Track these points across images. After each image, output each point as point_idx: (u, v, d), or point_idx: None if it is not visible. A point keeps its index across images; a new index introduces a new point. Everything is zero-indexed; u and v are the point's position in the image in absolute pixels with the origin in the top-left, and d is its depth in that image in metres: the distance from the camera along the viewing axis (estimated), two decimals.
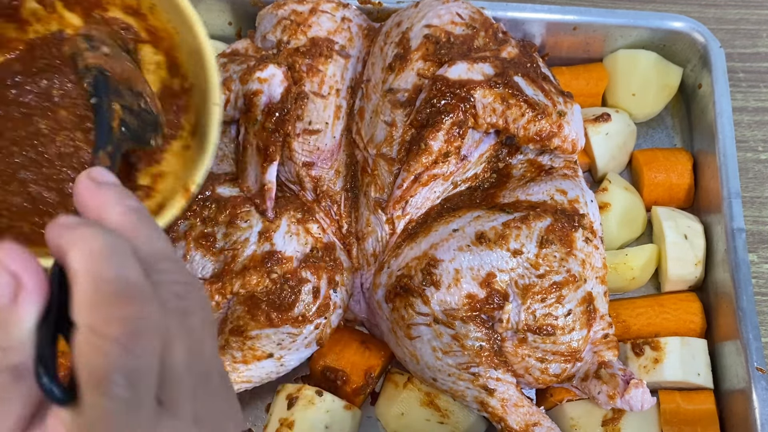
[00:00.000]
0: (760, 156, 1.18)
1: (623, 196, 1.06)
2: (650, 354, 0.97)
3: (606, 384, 0.86)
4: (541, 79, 0.97)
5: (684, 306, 1.02)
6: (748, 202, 1.14)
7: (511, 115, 0.91)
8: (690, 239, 1.03)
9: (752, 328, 0.93)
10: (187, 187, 0.69)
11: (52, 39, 0.76)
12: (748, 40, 1.27)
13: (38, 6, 0.76)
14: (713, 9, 1.30)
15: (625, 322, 1.01)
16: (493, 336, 0.87)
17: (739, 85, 1.23)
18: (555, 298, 0.86)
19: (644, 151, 1.13)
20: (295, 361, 0.91)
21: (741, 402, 0.92)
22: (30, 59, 0.75)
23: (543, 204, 0.90)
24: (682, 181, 1.10)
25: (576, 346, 0.88)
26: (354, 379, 0.96)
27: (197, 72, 0.74)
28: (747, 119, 1.20)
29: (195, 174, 0.70)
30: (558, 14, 1.12)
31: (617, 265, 1.02)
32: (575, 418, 0.94)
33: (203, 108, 0.73)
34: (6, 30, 0.75)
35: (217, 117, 0.71)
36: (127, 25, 0.77)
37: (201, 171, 0.70)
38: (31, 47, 0.76)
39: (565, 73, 1.15)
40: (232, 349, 0.87)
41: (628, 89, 1.14)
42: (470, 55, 0.95)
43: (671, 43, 1.15)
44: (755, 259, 1.10)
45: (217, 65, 0.72)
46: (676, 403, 0.95)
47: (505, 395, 0.87)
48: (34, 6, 0.76)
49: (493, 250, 0.86)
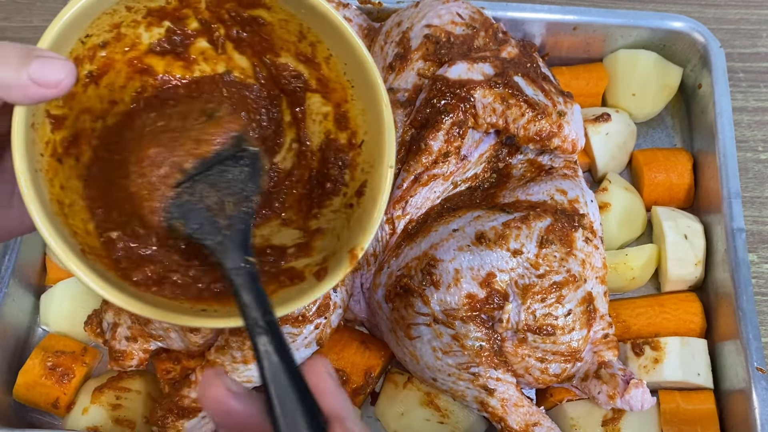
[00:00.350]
0: (760, 156, 1.18)
1: (623, 196, 1.06)
2: (650, 354, 0.97)
3: (606, 384, 0.86)
4: (541, 79, 0.97)
5: (684, 306, 1.02)
6: (748, 202, 1.14)
7: (511, 115, 0.91)
8: (690, 239, 1.03)
9: (752, 328, 0.93)
10: (354, 253, 0.65)
11: (219, 79, 0.75)
12: (748, 40, 1.27)
13: (208, 46, 0.74)
14: (713, 9, 1.30)
15: (625, 322, 1.01)
16: (493, 336, 0.87)
17: (739, 85, 1.23)
18: (555, 298, 0.86)
19: (644, 151, 1.13)
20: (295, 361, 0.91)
21: (741, 402, 0.92)
22: (195, 89, 0.74)
23: (543, 204, 0.90)
24: (682, 181, 1.10)
25: (576, 346, 0.87)
26: (354, 379, 0.96)
27: (370, 130, 0.69)
28: (747, 119, 1.20)
29: (362, 239, 0.66)
30: (558, 14, 1.13)
31: (617, 265, 1.02)
32: (575, 418, 0.94)
33: (374, 168, 0.69)
34: (173, 68, 0.74)
35: (389, 180, 0.67)
36: (297, 72, 0.73)
37: (369, 236, 0.66)
38: (196, 82, 0.75)
39: (565, 73, 1.15)
40: (232, 349, 0.87)
41: (628, 89, 1.14)
42: (470, 55, 0.95)
43: (671, 43, 1.15)
44: (755, 259, 1.10)
45: (394, 127, 0.68)
46: (676, 403, 0.95)
47: (505, 395, 0.87)
48: (204, 45, 0.74)
49: (493, 250, 0.86)
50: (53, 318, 1.00)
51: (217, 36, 0.73)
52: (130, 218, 0.66)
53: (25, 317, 1.02)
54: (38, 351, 0.97)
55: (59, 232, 0.58)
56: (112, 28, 0.67)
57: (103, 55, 0.68)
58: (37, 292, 1.04)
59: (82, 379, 0.97)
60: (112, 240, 0.66)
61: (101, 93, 0.70)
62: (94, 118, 0.69)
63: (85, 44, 0.65)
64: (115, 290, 0.60)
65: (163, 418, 0.89)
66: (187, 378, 0.90)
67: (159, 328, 0.89)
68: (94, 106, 0.69)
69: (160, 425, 0.89)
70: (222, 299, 0.65)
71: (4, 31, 1.25)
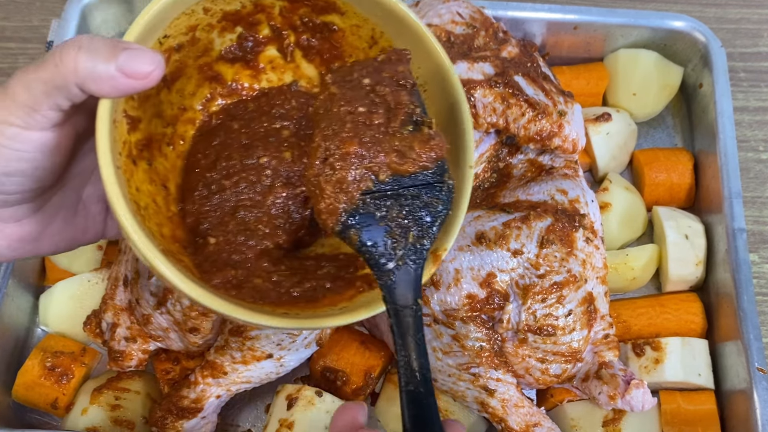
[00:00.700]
0: (761, 156, 1.18)
1: (624, 196, 1.06)
2: (651, 354, 0.97)
3: (607, 384, 0.86)
4: (542, 79, 0.97)
5: (685, 306, 1.02)
6: (749, 202, 1.14)
7: (512, 114, 0.91)
8: (691, 239, 1.03)
9: (753, 329, 0.93)
10: (437, 254, 0.64)
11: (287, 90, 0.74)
12: (749, 39, 1.27)
13: (277, 54, 0.74)
14: (714, 8, 1.30)
15: (625, 322, 1.01)
16: (493, 336, 0.87)
17: (740, 84, 1.23)
18: (555, 298, 0.86)
19: (645, 151, 1.13)
20: (295, 361, 0.90)
21: (742, 402, 0.92)
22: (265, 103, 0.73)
23: (543, 204, 0.90)
24: (682, 180, 1.09)
25: (576, 346, 0.87)
26: (354, 379, 0.96)
27: (446, 132, 0.67)
28: (748, 119, 1.20)
29: (446, 240, 0.64)
30: (558, 13, 1.12)
31: (618, 265, 1.02)
32: (576, 418, 0.94)
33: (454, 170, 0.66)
34: (241, 76, 0.74)
35: (470, 180, 0.66)
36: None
37: (452, 237, 0.64)
38: (265, 94, 0.74)
39: (565, 73, 1.15)
40: (232, 349, 0.86)
41: (628, 89, 1.14)
42: (470, 54, 0.94)
43: (672, 43, 1.15)
44: (756, 260, 1.10)
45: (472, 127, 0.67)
46: (676, 404, 0.95)
47: (505, 396, 0.87)
48: (272, 54, 0.74)
49: (493, 250, 0.86)
50: (52, 318, 1.00)
51: (287, 44, 0.73)
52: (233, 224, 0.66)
53: (24, 317, 1.02)
54: (37, 351, 0.97)
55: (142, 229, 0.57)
56: (188, 30, 0.67)
57: (176, 59, 0.68)
58: (36, 292, 1.04)
59: (81, 379, 0.97)
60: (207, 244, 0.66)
61: (172, 98, 0.70)
62: (164, 123, 0.70)
63: (162, 45, 0.65)
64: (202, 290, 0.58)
65: (163, 418, 0.89)
66: (187, 378, 0.90)
67: (158, 328, 0.89)
68: (166, 111, 0.69)
69: (159, 426, 0.89)
70: (299, 303, 0.64)
71: (3, 30, 1.25)
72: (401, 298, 0.57)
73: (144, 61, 0.55)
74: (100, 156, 0.56)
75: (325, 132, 0.60)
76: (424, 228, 0.59)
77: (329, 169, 0.59)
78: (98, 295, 0.99)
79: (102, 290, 0.98)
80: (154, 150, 0.68)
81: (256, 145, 0.71)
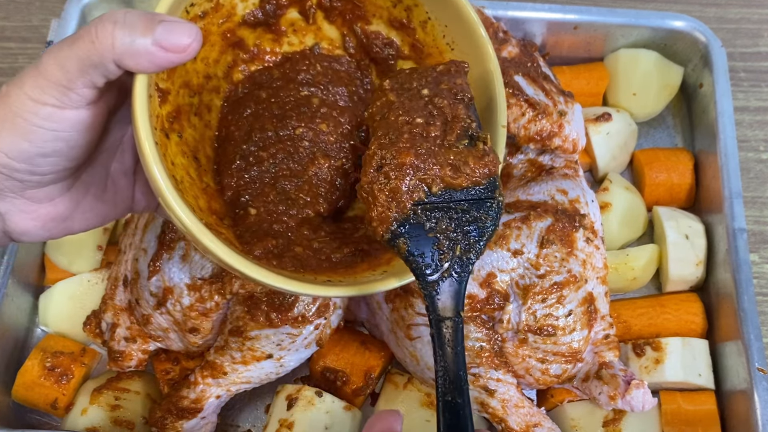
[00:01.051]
0: (762, 156, 1.17)
1: (624, 196, 1.06)
2: (651, 354, 0.97)
3: (607, 384, 0.86)
4: (542, 79, 0.96)
5: (685, 306, 1.02)
6: (749, 202, 1.13)
7: (512, 114, 0.91)
8: (691, 239, 1.03)
9: (753, 329, 0.93)
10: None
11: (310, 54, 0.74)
12: (750, 39, 1.27)
13: (298, 17, 0.74)
14: (714, 8, 1.30)
15: (626, 322, 1.01)
16: (493, 336, 0.87)
17: (740, 84, 1.22)
18: (556, 298, 0.86)
19: (645, 151, 1.13)
20: (295, 361, 0.90)
21: (742, 403, 0.92)
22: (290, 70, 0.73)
23: (544, 204, 0.90)
24: (683, 180, 1.09)
25: (577, 346, 0.87)
26: (354, 379, 0.96)
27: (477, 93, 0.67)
28: (748, 119, 1.20)
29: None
30: (559, 13, 1.12)
31: (618, 266, 1.02)
32: (576, 418, 0.94)
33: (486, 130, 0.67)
34: (263, 40, 0.74)
35: (504, 139, 0.66)
36: (389, 40, 0.72)
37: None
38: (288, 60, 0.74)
39: (565, 73, 1.15)
40: (232, 349, 0.86)
41: (629, 89, 1.13)
42: None
43: (672, 43, 1.15)
44: (756, 260, 1.10)
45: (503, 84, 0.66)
46: (677, 404, 0.95)
47: (505, 396, 0.87)
48: (294, 17, 0.73)
49: (493, 250, 0.86)
50: (52, 318, 1.00)
51: (309, 5, 0.73)
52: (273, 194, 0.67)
53: (24, 317, 1.01)
54: (37, 351, 0.96)
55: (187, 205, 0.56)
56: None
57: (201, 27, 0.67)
58: (36, 292, 1.04)
59: (81, 379, 0.97)
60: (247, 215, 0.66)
61: (197, 67, 0.70)
62: (191, 93, 0.69)
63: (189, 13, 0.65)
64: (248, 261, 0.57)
65: (162, 418, 0.88)
66: (186, 378, 0.90)
67: (158, 328, 0.89)
68: (192, 80, 0.69)
69: (159, 426, 0.89)
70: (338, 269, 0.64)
71: (3, 30, 1.25)
72: (444, 309, 0.58)
73: (182, 33, 0.54)
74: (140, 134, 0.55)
75: (382, 140, 0.61)
76: (472, 242, 0.59)
77: (384, 178, 0.59)
78: (98, 295, 0.99)
79: (102, 290, 0.98)
80: (183, 121, 0.67)
81: (289, 116, 0.71)
